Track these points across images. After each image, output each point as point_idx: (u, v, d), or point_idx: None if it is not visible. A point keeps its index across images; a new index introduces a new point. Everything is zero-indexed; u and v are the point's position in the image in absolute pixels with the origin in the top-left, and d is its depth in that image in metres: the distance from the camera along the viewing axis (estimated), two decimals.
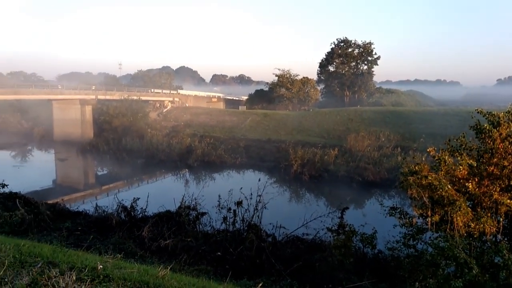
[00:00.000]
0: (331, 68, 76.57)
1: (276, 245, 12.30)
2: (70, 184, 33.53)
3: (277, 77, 68.63)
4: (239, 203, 12.93)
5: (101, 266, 3.97)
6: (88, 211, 15.85)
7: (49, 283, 3.44)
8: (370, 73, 75.63)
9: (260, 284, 6.33)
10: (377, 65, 75.82)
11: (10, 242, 4.77)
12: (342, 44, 74.92)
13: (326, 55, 76.75)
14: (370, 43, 74.22)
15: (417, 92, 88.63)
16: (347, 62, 74.39)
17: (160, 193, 24.84)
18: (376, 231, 11.00)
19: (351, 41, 74.81)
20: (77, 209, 17.06)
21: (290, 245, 12.56)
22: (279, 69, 69.19)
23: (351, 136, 36.90)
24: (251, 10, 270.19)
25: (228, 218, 12.95)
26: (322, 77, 78.06)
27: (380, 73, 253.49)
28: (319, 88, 75.75)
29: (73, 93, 48.67)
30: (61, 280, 3.50)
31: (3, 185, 16.50)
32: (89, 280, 3.62)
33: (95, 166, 41.50)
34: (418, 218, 9.93)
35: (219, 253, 11.12)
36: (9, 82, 58.71)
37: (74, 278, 3.60)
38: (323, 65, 77.28)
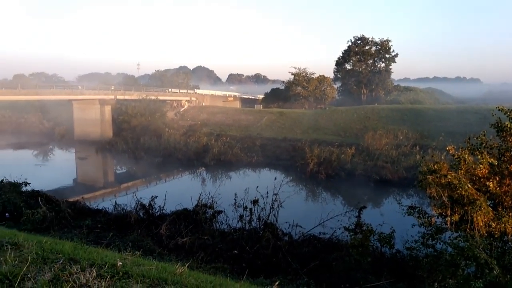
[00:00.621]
0: (348, 66, 75.81)
1: (292, 244, 12.29)
2: (90, 183, 34.25)
3: (293, 76, 68.38)
4: (255, 202, 12.96)
5: (121, 263, 4.05)
6: (107, 209, 16.16)
7: (70, 279, 3.53)
8: (387, 71, 74.59)
9: (277, 283, 6.34)
10: (395, 62, 74.80)
11: (33, 239, 4.92)
12: (359, 41, 74.09)
13: (342, 53, 76.06)
14: (387, 41, 73.21)
15: (436, 89, 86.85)
16: (364, 59, 73.52)
17: (177, 191, 25.11)
18: (394, 230, 10.86)
19: (368, 38, 73.92)
20: (96, 207, 17.40)
21: (307, 244, 12.52)
22: (295, 68, 69.00)
23: (369, 135, 36.48)
24: (267, 10, 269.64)
25: (244, 216, 13.01)
26: (338, 75, 77.38)
27: (398, 71, 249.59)
28: (335, 86, 75.13)
29: (93, 93, 49.63)
30: (82, 277, 3.60)
31: (26, 184, 17.00)
32: (109, 276, 3.70)
33: (114, 164, 42.26)
34: (437, 217, 9.75)
35: (235, 251, 11.18)
36: (31, 83, 60.23)
37: (95, 274, 3.69)
38: (340, 63, 76.58)
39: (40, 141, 51.65)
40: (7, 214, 14.24)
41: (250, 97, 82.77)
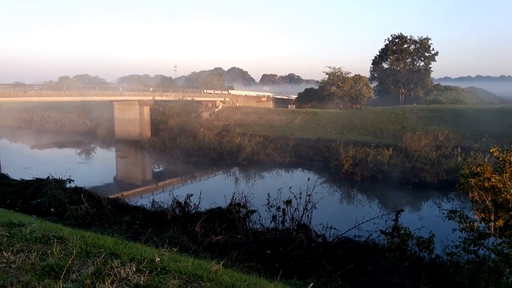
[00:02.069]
0: (385, 65, 73.88)
1: (326, 246, 12.15)
2: (129, 180, 35.47)
3: (327, 75, 67.47)
4: (288, 202, 12.93)
5: (159, 259, 4.17)
6: (145, 206, 16.66)
7: (111, 273, 3.68)
8: (427, 70, 71.98)
9: (311, 284, 6.30)
10: (435, 61, 72.08)
11: (77, 234, 5.16)
12: (397, 40, 72.01)
13: (379, 51, 74.23)
14: (427, 39, 70.66)
15: (479, 88, 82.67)
16: (402, 58, 71.36)
17: (211, 190, 25.50)
18: (434, 235, 10.46)
19: (406, 36, 71.66)
20: (135, 204, 17.98)
21: (341, 247, 12.34)
22: (329, 67, 68.00)
23: (407, 135, 35.37)
24: (301, 9, 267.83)
25: (277, 217, 13.01)
26: (375, 74, 75.59)
27: (438, 70, 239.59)
28: (372, 85, 73.38)
29: (133, 94, 51.39)
30: (122, 271, 3.74)
31: (70, 181, 17.85)
32: (147, 271, 3.82)
33: (152, 163, 43.52)
34: (480, 222, 9.32)
35: (268, 251, 11.20)
36: (75, 84, 63.12)
37: (134, 269, 3.83)
38: (377, 62, 74.78)
39: (83, 140, 54.10)
40: (52, 209, 15.02)
41: (284, 97, 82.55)
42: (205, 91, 64.55)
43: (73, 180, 17.88)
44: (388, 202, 25.19)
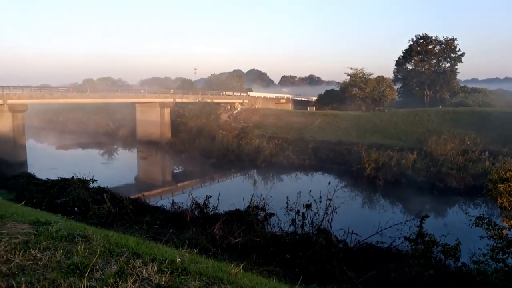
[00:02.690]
0: (409, 66, 72.41)
1: (347, 251, 11.94)
2: (150, 181, 36.01)
3: (349, 77, 66.66)
4: (308, 206, 12.78)
5: (179, 260, 4.18)
6: (165, 207, 16.80)
7: (133, 272, 3.71)
8: (453, 71, 70.11)
9: None
10: (461, 62, 70.04)
11: (101, 233, 5.23)
12: (421, 40, 70.50)
13: (403, 52, 72.82)
14: (453, 39, 68.85)
15: (508, 91, 80.00)
16: (427, 59, 69.75)
17: (230, 192, 25.58)
18: (460, 242, 10.15)
19: (431, 37, 70.02)
20: (155, 204, 18.16)
21: (363, 253, 12.09)
22: (351, 68, 67.07)
23: (432, 139, 34.47)
24: (321, 9, 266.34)
25: (297, 220, 12.87)
26: (399, 76, 74.16)
27: (465, 71, 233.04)
28: (395, 87, 72.01)
29: (154, 96, 52.28)
30: (144, 271, 3.76)
31: (93, 180, 18.24)
32: (168, 272, 3.83)
33: (172, 164, 44.06)
34: (509, 229, 8.99)
35: (287, 256, 11.09)
36: (98, 87, 64.61)
37: (156, 269, 3.84)
38: (400, 63, 73.38)
39: (106, 141, 55.30)
40: (76, 208, 15.37)
41: (303, 99, 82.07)
42: (224, 93, 64.96)
43: (96, 180, 18.24)
44: (412, 207, 24.66)
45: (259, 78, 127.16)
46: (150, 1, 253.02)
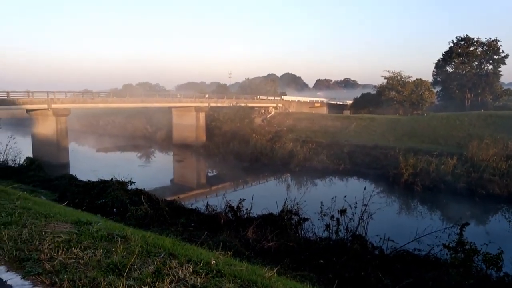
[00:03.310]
0: (449, 69, 69.81)
1: (383, 258, 11.62)
2: (185, 184, 36.74)
3: (386, 80, 65.18)
4: (343, 211, 12.57)
5: (214, 262, 4.24)
6: (200, 209, 17.05)
7: (170, 273, 3.80)
8: (496, 73, 66.86)
9: None
10: (505, 64, 66.75)
11: (138, 233, 5.40)
12: (462, 42, 67.79)
13: (443, 54, 70.33)
14: (496, 40, 65.74)
15: None
16: (468, 61, 66.96)
17: (263, 195, 25.56)
18: (503, 251, 9.64)
19: (473, 38, 67.21)
20: (190, 207, 18.47)
21: (399, 260, 11.73)
22: (388, 71, 65.66)
23: (473, 144, 32.98)
24: (356, 10, 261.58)
25: (331, 226, 12.69)
26: (438, 79, 71.65)
27: (509, 73, 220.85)
28: (434, 90, 69.58)
29: (190, 101, 53.46)
30: (180, 271, 3.84)
31: (131, 182, 18.75)
32: (204, 273, 3.89)
33: (206, 167, 44.74)
34: None
35: (321, 261, 10.94)
36: (137, 91, 66.83)
37: (191, 270, 3.91)
38: (440, 65, 70.89)
39: (144, 144, 57.02)
40: (115, 209, 15.87)
41: (338, 102, 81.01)
42: (258, 97, 65.29)
43: (134, 182, 18.75)
44: (451, 214, 23.64)
45: (293, 82, 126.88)
46: (185, 8, 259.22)
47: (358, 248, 11.28)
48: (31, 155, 34.42)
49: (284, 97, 71.51)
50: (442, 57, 70.63)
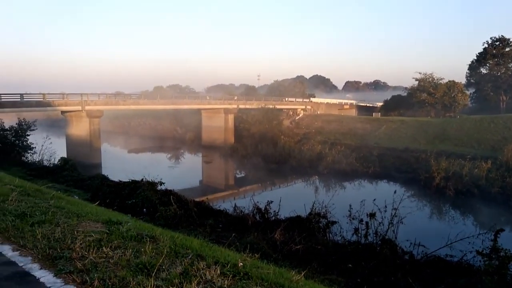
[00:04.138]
0: (484, 70, 67.14)
1: (413, 264, 11.29)
2: (213, 185, 37.07)
3: (417, 82, 63.43)
4: (372, 215, 12.29)
5: (241, 264, 4.23)
6: (227, 210, 17.12)
7: (197, 274, 3.81)
8: None
9: None
10: None
11: (167, 234, 5.46)
12: (497, 43, 65.02)
13: (477, 55, 67.71)
14: None
15: None
16: (504, 63, 64.25)
17: (291, 198, 25.45)
18: None
19: (508, 39, 64.36)
20: (218, 208, 18.59)
21: (430, 266, 11.37)
22: (419, 73, 63.80)
23: (509, 147, 31.83)
24: (388, 12, 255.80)
25: (360, 229, 12.42)
26: (472, 80, 69.01)
27: None
28: (468, 92, 67.08)
29: (219, 103, 54.03)
30: (207, 273, 3.85)
31: (161, 183, 19.10)
32: (231, 275, 3.89)
33: (234, 169, 45.00)
34: None
35: (350, 265, 10.75)
36: (167, 94, 68.16)
37: (218, 272, 3.92)
38: (474, 67, 68.28)
39: (174, 145, 58.06)
40: (145, 209, 16.19)
41: (368, 104, 79.61)
42: (286, 99, 65.16)
43: (163, 183, 19.08)
44: (485, 220, 22.77)
45: (322, 83, 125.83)
46: (215, 10, 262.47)
47: (387, 252, 10.99)
48: (65, 155, 35.63)
49: (312, 99, 71.05)
50: (476, 58, 68.08)
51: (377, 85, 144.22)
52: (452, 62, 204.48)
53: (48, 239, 4.69)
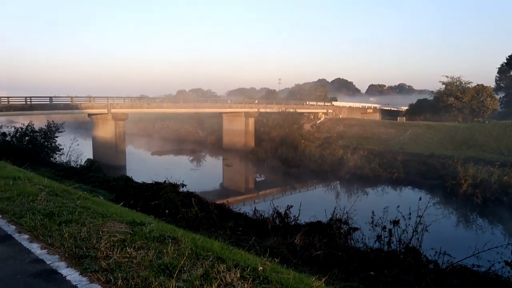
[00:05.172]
0: None
1: (438, 273, 10.99)
2: (233, 188, 37.23)
3: (444, 85, 61.95)
4: (395, 222, 12.04)
5: (261, 268, 4.23)
6: (247, 213, 17.16)
7: (218, 276, 3.84)
8: None
9: None
10: None
11: (188, 235, 5.53)
12: None
13: (507, 58, 65.48)
14: None
15: None
16: None
17: (311, 202, 25.24)
18: None
19: None
20: (238, 211, 18.66)
21: (456, 276, 11.03)
22: (446, 76, 62.36)
23: None
24: (413, 13, 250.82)
25: (382, 237, 12.20)
26: (502, 84, 66.75)
27: None
28: (497, 96, 64.92)
29: (239, 106, 54.32)
30: (228, 276, 3.87)
31: (183, 185, 19.36)
32: (251, 279, 3.89)
33: (254, 172, 45.06)
34: None
35: (372, 273, 10.56)
36: (190, 97, 69.12)
37: (238, 275, 3.92)
38: (504, 70, 66.05)
39: (195, 148, 58.71)
40: (167, 211, 16.44)
41: (392, 108, 78.21)
42: (307, 102, 64.82)
43: (185, 185, 19.35)
44: None
45: (344, 87, 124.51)
46: (236, 15, 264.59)
47: (411, 261, 10.75)
48: (91, 157, 36.58)
49: (334, 103, 70.38)
50: (506, 61, 65.83)
51: (402, 89, 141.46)
52: (480, 66, 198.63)
53: (75, 238, 4.82)
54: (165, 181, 19.08)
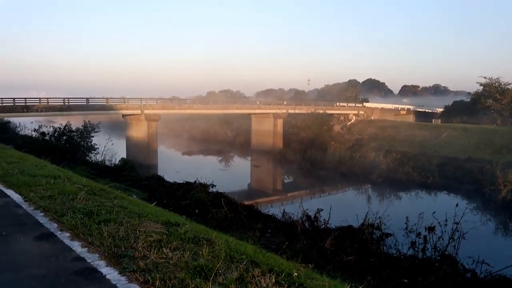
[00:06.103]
0: None
1: (476, 282, 10.55)
2: (261, 189, 37.26)
3: (482, 86, 59.42)
4: (431, 229, 11.64)
5: (296, 274, 4.18)
6: (276, 215, 17.10)
7: (253, 281, 3.81)
8: None
9: None
10: None
11: (221, 237, 5.55)
12: None
13: None
14: None
15: None
16: None
17: (341, 206, 24.83)
18: None
19: None
20: (266, 212, 18.63)
21: (495, 286, 10.55)
22: (485, 77, 59.73)
23: None
24: (449, 11, 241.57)
25: (417, 243, 11.83)
26: None
27: None
28: None
29: (268, 107, 54.40)
30: (262, 281, 3.83)
31: (213, 185, 19.61)
32: (286, 285, 3.84)
33: (283, 174, 44.92)
34: None
35: (405, 280, 10.26)
36: (219, 98, 69.85)
37: (273, 280, 3.88)
38: None
39: (224, 148, 59.25)
40: (197, 210, 16.68)
41: (426, 110, 75.80)
42: (337, 104, 63.95)
43: (215, 185, 19.57)
44: None
45: (376, 88, 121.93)
46: (265, 17, 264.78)
47: (447, 269, 10.37)
48: (125, 156, 37.66)
49: (366, 104, 69.04)
50: None
51: (437, 90, 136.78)
52: None
53: (113, 238, 4.95)
54: (195, 181, 19.41)
